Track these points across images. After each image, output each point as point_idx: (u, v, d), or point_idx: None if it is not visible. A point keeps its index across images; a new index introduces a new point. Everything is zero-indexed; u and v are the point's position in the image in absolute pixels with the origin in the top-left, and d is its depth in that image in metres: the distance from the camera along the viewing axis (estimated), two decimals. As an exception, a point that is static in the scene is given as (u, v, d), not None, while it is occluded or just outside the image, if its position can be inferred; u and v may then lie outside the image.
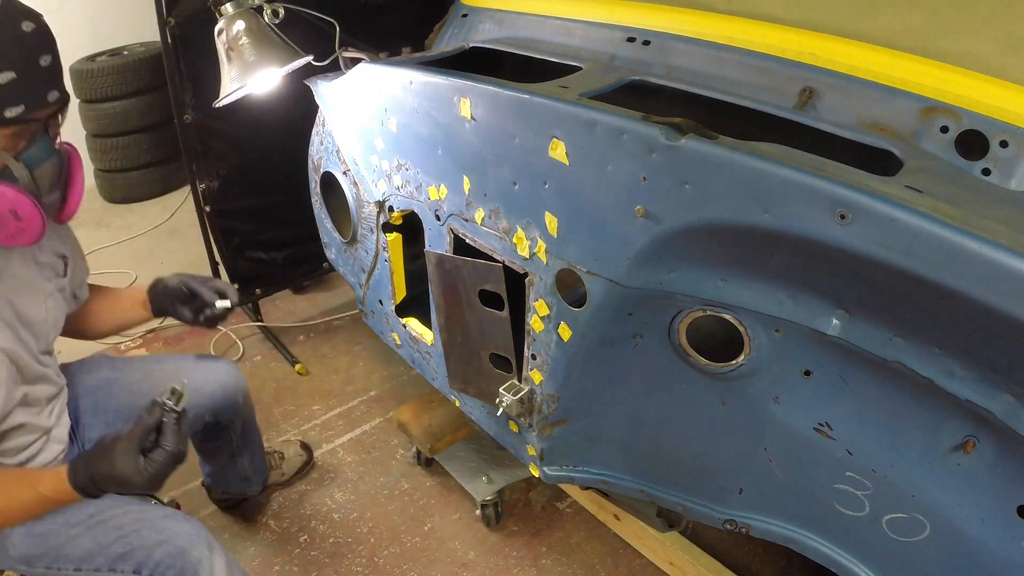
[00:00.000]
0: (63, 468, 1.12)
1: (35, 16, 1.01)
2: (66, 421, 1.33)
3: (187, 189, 3.29)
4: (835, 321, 0.86)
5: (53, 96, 1.04)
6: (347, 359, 2.48)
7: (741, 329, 0.95)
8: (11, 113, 0.99)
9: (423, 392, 2.07)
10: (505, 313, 1.16)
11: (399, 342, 1.62)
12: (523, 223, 1.08)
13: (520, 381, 1.20)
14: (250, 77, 1.39)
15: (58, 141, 1.11)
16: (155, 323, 2.54)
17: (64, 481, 1.11)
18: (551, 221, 1.03)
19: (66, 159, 1.15)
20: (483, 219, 1.15)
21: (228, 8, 1.39)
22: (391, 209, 1.43)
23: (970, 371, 0.78)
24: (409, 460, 2.09)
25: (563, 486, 1.99)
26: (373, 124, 1.36)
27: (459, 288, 1.23)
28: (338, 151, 1.58)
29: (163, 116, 3.37)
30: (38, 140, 1.06)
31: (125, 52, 3.43)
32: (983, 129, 0.93)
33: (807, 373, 0.96)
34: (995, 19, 0.96)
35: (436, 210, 1.27)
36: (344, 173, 1.59)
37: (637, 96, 1.17)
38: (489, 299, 1.19)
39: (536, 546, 1.87)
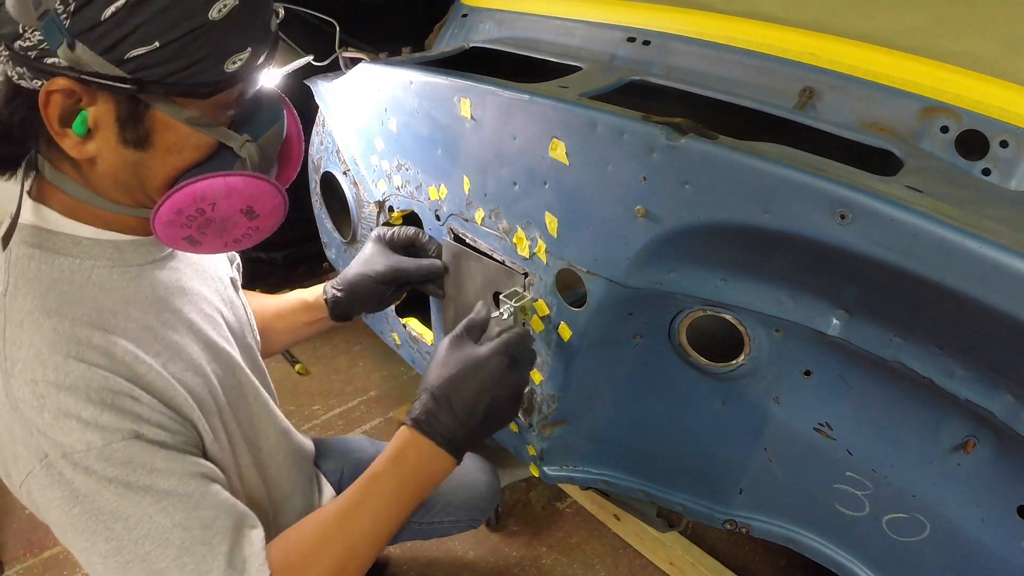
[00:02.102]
0: (397, 435, 0.90)
1: None
2: (329, 492, 1.15)
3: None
4: (835, 321, 0.86)
5: (272, 26, 0.74)
6: (347, 359, 2.48)
7: (741, 329, 0.96)
8: (236, 62, 0.70)
9: (423, 392, 2.07)
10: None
11: (399, 342, 1.62)
12: (523, 223, 1.08)
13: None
14: (250, 77, 1.39)
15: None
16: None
17: (415, 445, 0.88)
18: (551, 221, 1.03)
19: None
20: (483, 219, 1.16)
21: (228, 8, 1.39)
22: (391, 209, 1.43)
23: (970, 371, 0.78)
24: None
25: (563, 486, 1.99)
26: (373, 124, 1.36)
27: (474, 285, 1.22)
28: (338, 151, 1.58)
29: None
30: (261, 97, 0.80)
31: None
32: (983, 129, 0.93)
33: (807, 373, 0.96)
34: (995, 19, 0.96)
35: (436, 210, 1.27)
36: (344, 173, 1.59)
37: (637, 96, 1.17)
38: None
39: (536, 546, 1.87)
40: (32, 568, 1.84)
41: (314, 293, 1.23)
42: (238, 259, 1.13)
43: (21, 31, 0.65)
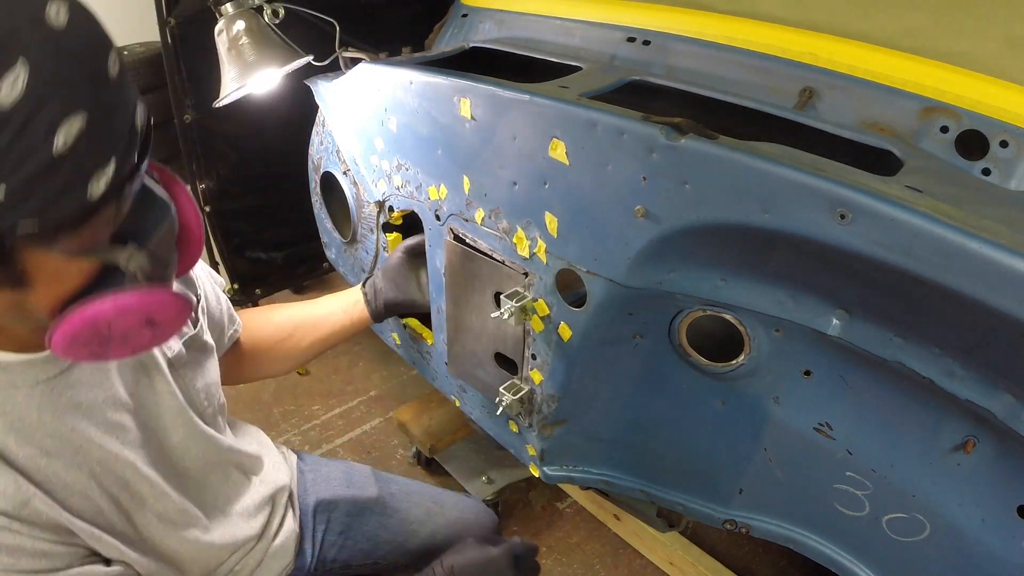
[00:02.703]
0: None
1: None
2: (291, 529, 1.13)
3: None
4: (835, 321, 0.86)
5: (136, 122, 0.64)
6: (347, 359, 2.48)
7: (741, 329, 0.96)
8: (101, 180, 0.60)
9: (423, 392, 2.07)
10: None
11: (399, 342, 1.62)
12: (523, 223, 1.08)
13: (520, 381, 1.20)
14: (250, 77, 1.39)
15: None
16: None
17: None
18: (551, 221, 1.03)
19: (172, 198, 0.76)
20: (483, 219, 1.15)
21: (228, 8, 1.40)
22: (391, 209, 1.43)
23: (970, 371, 0.78)
24: (409, 460, 2.09)
25: (563, 486, 1.99)
26: (373, 124, 1.36)
27: (475, 283, 1.22)
28: (338, 151, 1.58)
29: (163, 116, 3.36)
30: (143, 199, 0.70)
31: (125, 52, 3.43)
32: (983, 129, 0.93)
33: (807, 373, 0.96)
34: (995, 19, 0.97)
35: (436, 210, 1.27)
36: (344, 173, 1.59)
37: (637, 96, 1.17)
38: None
39: (536, 546, 1.87)
40: (32, 568, 1.83)
41: (349, 295, 1.30)
42: (202, 322, 1.03)
43: None
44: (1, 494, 0.72)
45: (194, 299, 0.78)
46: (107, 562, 0.83)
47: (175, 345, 0.93)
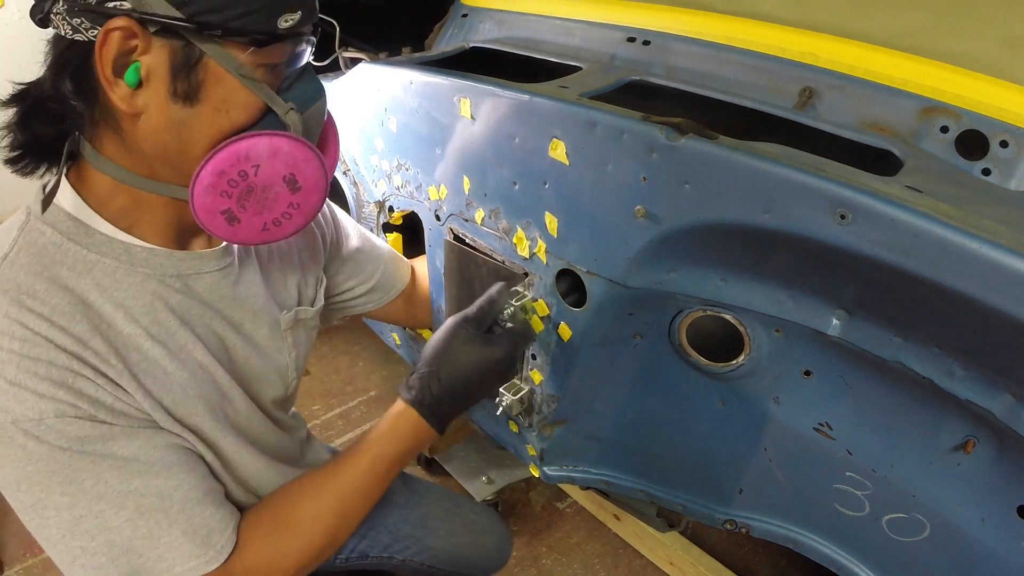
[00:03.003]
0: (396, 415, 0.91)
1: None
2: None
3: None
4: (835, 321, 0.86)
5: (316, 3, 0.77)
6: (347, 359, 2.48)
7: (741, 329, 0.96)
8: (288, 21, 0.72)
9: (423, 392, 2.07)
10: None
11: (399, 342, 1.62)
12: (523, 223, 1.08)
13: (520, 381, 1.20)
14: (250, 77, 1.39)
15: None
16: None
17: (412, 425, 0.90)
18: (551, 221, 1.03)
19: None
20: (483, 219, 1.16)
21: (228, 8, 1.39)
22: (391, 209, 1.43)
23: (970, 371, 0.78)
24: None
25: (563, 486, 1.99)
26: (373, 124, 1.36)
27: (475, 284, 1.23)
28: (338, 151, 1.58)
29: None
30: (305, 72, 0.80)
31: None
32: (983, 129, 0.93)
33: (807, 373, 0.96)
34: (995, 19, 0.96)
35: (436, 210, 1.27)
36: (344, 173, 1.59)
37: (637, 96, 1.17)
38: None
39: (536, 546, 1.87)
40: (32, 568, 1.84)
41: None
42: (318, 302, 1.07)
43: None
44: (95, 352, 0.73)
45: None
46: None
47: (288, 311, 0.98)
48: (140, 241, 0.79)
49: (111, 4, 0.66)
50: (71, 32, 0.68)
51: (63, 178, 0.76)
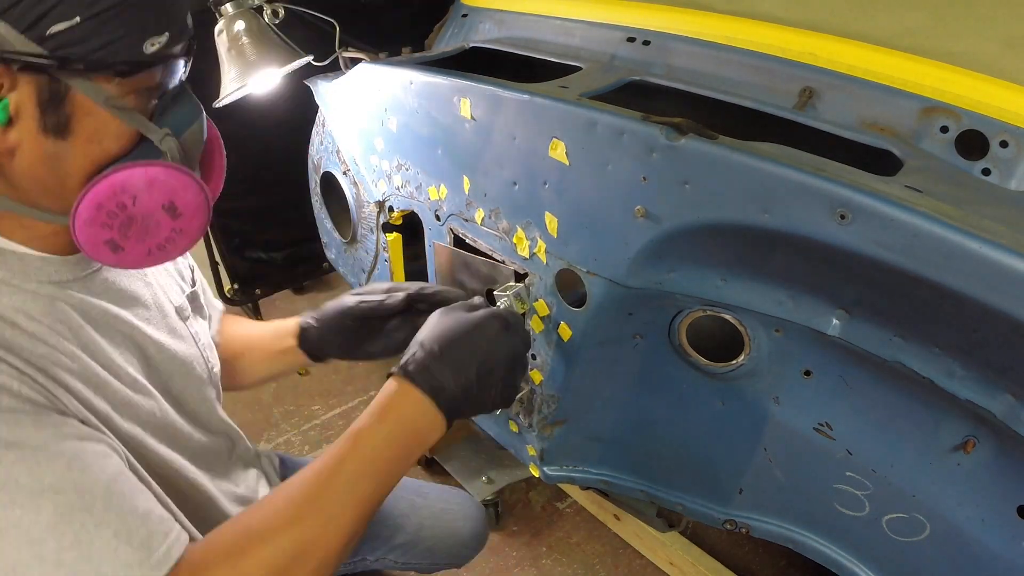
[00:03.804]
0: (385, 387, 0.82)
1: None
2: None
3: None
4: (835, 321, 0.86)
5: (188, 21, 0.75)
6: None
7: (741, 329, 0.96)
8: (155, 44, 0.70)
9: (423, 392, 2.07)
10: None
11: (399, 342, 1.62)
12: (523, 223, 1.08)
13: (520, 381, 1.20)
14: (250, 77, 1.39)
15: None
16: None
17: (403, 396, 0.80)
18: (551, 221, 1.03)
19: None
20: (483, 219, 1.16)
21: (228, 8, 1.39)
22: (391, 209, 1.43)
23: (970, 371, 0.78)
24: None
25: (563, 486, 1.99)
26: (373, 124, 1.36)
27: (466, 285, 1.23)
28: (338, 151, 1.58)
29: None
30: (180, 94, 0.78)
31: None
32: (983, 129, 0.93)
33: (807, 373, 0.96)
34: (995, 19, 0.97)
35: (436, 210, 1.27)
36: (344, 173, 1.59)
37: (637, 96, 1.17)
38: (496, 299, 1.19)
39: (536, 546, 1.87)
40: (32, 568, 1.83)
41: (290, 321, 1.13)
42: (200, 282, 1.06)
43: None
44: (12, 351, 0.68)
45: (209, 202, 0.78)
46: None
47: (178, 298, 0.95)
48: (32, 251, 0.76)
49: None
50: None
51: None
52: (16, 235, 0.75)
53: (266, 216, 2.38)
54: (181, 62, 0.75)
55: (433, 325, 0.87)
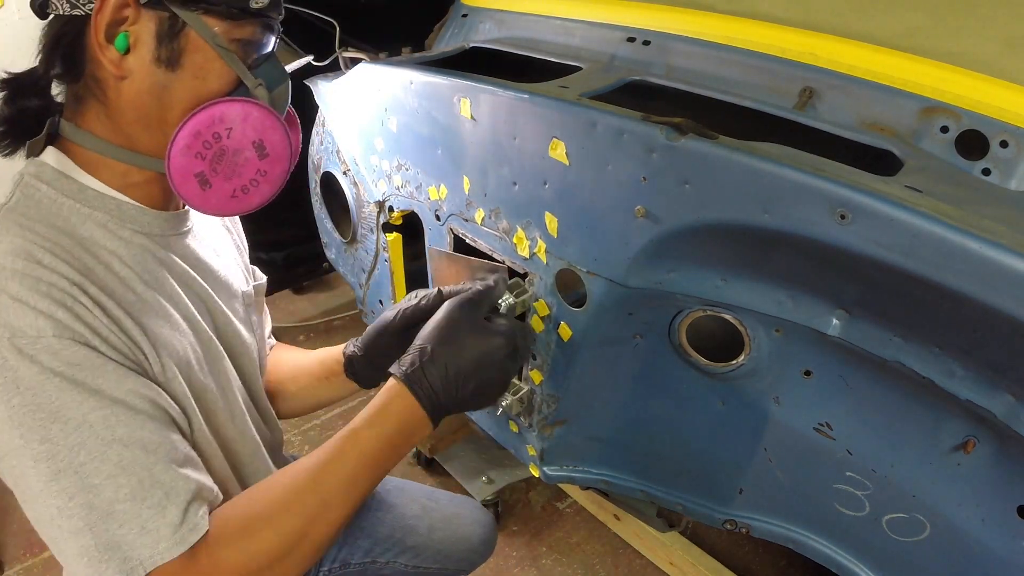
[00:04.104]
0: (385, 390, 0.86)
1: None
2: None
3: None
4: (835, 321, 0.86)
5: None
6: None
7: (741, 329, 0.96)
8: (259, 3, 0.80)
9: (423, 392, 2.07)
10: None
11: (399, 342, 1.62)
12: (523, 223, 1.08)
13: (520, 381, 1.20)
14: (250, 77, 1.39)
15: None
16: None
17: (401, 400, 0.84)
18: (551, 221, 1.03)
19: None
20: (483, 219, 1.16)
21: (228, 8, 1.39)
22: (391, 209, 1.43)
23: (970, 371, 0.78)
24: (409, 460, 2.09)
25: (563, 486, 2.00)
26: (373, 124, 1.36)
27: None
28: (338, 151, 1.58)
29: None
30: (271, 58, 0.86)
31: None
32: (983, 129, 0.93)
33: (807, 373, 0.96)
34: (995, 19, 0.97)
35: (436, 210, 1.27)
36: (344, 173, 1.59)
37: (637, 96, 1.17)
38: None
39: (536, 546, 1.87)
40: (32, 568, 1.84)
41: (336, 349, 1.15)
42: (261, 278, 1.12)
43: None
44: (95, 284, 0.75)
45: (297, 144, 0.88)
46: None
47: (244, 285, 1.02)
48: (130, 199, 0.83)
49: None
50: (69, 9, 0.76)
51: (50, 148, 0.81)
52: (113, 182, 0.82)
53: (266, 216, 2.37)
54: (275, 30, 0.85)
55: (443, 327, 0.90)
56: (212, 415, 0.86)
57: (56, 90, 0.83)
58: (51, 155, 0.81)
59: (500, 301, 1.03)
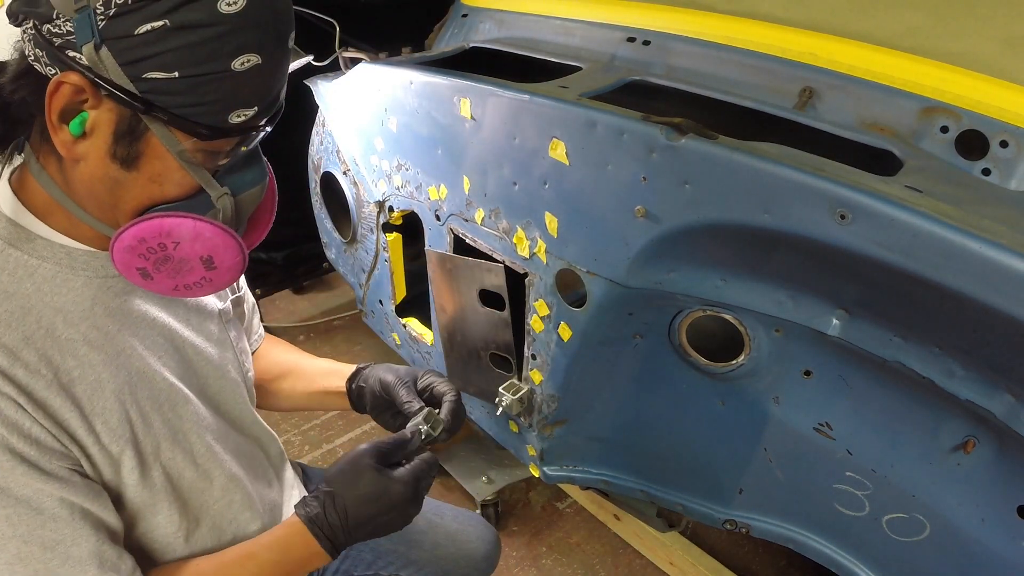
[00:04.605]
0: (289, 525, 0.89)
1: None
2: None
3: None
4: (835, 321, 0.86)
5: (282, 95, 0.77)
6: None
7: (741, 329, 0.96)
8: (240, 116, 0.72)
9: (423, 392, 2.07)
10: (505, 313, 1.16)
11: (399, 342, 1.62)
12: (523, 223, 1.08)
13: (520, 381, 1.20)
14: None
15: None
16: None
17: (302, 538, 0.87)
18: (551, 221, 1.03)
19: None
20: (483, 219, 1.16)
21: (228, 8, 1.39)
22: (391, 209, 1.43)
23: (970, 371, 0.78)
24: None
25: (563, 486, 1.99)
26: (373, 124, 1.36)
27: (459, 287, 1.23)
28: (338, 151, 1.58)
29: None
30: (251, 157, 0.80)
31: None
32: (983, 129, 0.92)
33: (807, 373, 0.96)
34: (995, 19, 0.96)
35: (436, 210, 1.27)
36: (344, 173, 1.59)
37: (637, 96, 1.17)
38: (489, 299, 1.19)
39: (536, 546, 1.87)
40: (32, 568, 1.83)
41: (347, 368, 1.19)
42: (246, 291, 1.10)
43: (54, 16, 0.66)
44: (24, 366, 0.72)
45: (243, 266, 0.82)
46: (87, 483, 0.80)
47: (223, 303, 0.98)
48: (80, 244, 0.79)
49: (71, 54, 0.66)
50: (32, 58, 0.69)
51: (6, 182, 0.77)
52: (61, 227, 0.78)
53: (266, 216, 2.37)
54: (258, 133, 0.77)
55: (350, 472, 0.91)
56: (169, 466, 0.85)
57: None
58: (5, 198, 0.77)
59: (413, 430, 0.99)
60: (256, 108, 0.72)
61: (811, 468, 1.01)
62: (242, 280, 1.08)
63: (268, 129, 0.78)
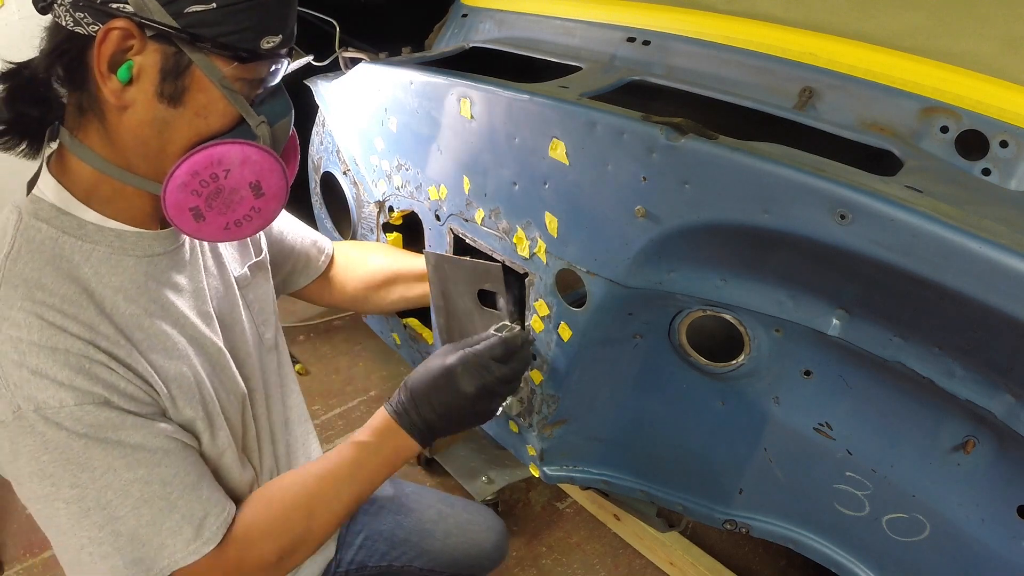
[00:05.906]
0: (379, 419, 0.99)
1: None
2: None
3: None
4: (835, 321, 0.86)
5: (295, 29, 0.84)
6: (347, 359, 2.48)
7: (741, 329, 0.96)
8: (270, 43, 0.78)
9: (423, 392, 2.07)
10: (504, 312, 1.17)
11: (399, 342, 1.62)
12: (523, 223, 1.08)
13: (520, 380, 1.20)
14: (250, 77, 1.39)
15: None
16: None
17: (391, 430, 0.97)
18: (551, 221, 1.03)
19: None
20: (483, 219, 1.16)
21: (228, 8, 1.39)
22: (391, 209, 1.43)
23: (970, 371, 0.78)
24: (409, 460, 2.09)
25: (563, 486, 2.00)
26: (373, 124, 1.36)
27: (458, 288, 1.23)
28: (338, 151, 1.58)
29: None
30: (277, 91, 0.86)
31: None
32: (983, 129, 0.92)
33: (807, 373, 0.96)
34: (995, 19, 0.96)
35: (436, 210, 1.27)
36: (344, 173, 1.59)
37: (637, 96, 1.17)
38: (489, 299, 1.19)
39: (536, 546, 1.87)
40: (32, 568, 1.84)
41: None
42: (261, 252, 1.14)
43: None
44: (105, 337, 0.79)
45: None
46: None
47: (241, 268, 1.06)
48: (127, 226, 0.84)
49: (114, 5, 0.72)
50: (72, 24, 0.74)
51: (46, 170, 0.82)
52: (108, 209, 0.83)
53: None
54: (285, 62, 0.84)
55: (428, 369, 1.02)
56: (218, 428, 0.92)
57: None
58: (50, 187, 0.81)
59: (502, 406, 1.08)
60: (280, 36, 0.79)
61: (811, 468, 1.01)
62: (261, 238, 1.14)
63: (289, 60, 0.84)
